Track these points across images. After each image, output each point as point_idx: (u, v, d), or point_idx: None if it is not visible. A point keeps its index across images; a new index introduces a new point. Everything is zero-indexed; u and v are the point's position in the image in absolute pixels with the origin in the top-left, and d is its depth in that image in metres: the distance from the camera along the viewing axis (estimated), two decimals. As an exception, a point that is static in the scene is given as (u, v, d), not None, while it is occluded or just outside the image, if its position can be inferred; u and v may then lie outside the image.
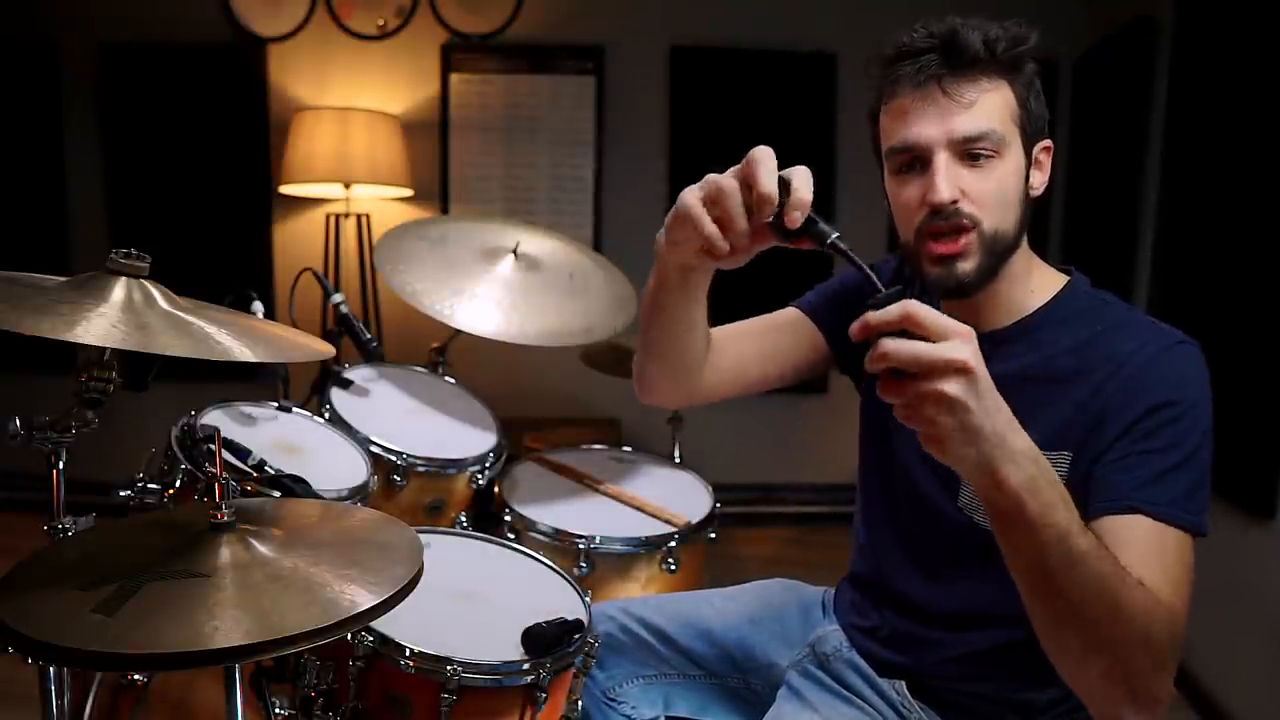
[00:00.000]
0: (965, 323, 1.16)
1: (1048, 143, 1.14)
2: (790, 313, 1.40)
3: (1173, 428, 1.02)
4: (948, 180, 1.06)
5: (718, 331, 1.33)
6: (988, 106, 1.06)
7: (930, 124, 1.07)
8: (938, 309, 1.18)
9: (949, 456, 0.84)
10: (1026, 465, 0.85)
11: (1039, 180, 1.14)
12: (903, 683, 1.26)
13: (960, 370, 0.80)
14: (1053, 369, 1.11)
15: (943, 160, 1.06)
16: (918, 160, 1.09)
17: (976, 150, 1.06)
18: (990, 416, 0.82)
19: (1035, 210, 1.15)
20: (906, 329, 0.80)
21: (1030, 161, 1.11)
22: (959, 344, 0.80)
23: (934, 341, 0.80)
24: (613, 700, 1.44)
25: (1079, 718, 1.19)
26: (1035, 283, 1.16)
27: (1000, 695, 1.19)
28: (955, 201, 1.06)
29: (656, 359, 1.30)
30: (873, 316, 0.81)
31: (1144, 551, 0.97)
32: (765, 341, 1.39)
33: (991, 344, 1.14)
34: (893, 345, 0.80)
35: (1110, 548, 0.97)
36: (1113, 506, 1.01)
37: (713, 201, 0.98)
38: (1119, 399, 1.05)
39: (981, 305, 1.15)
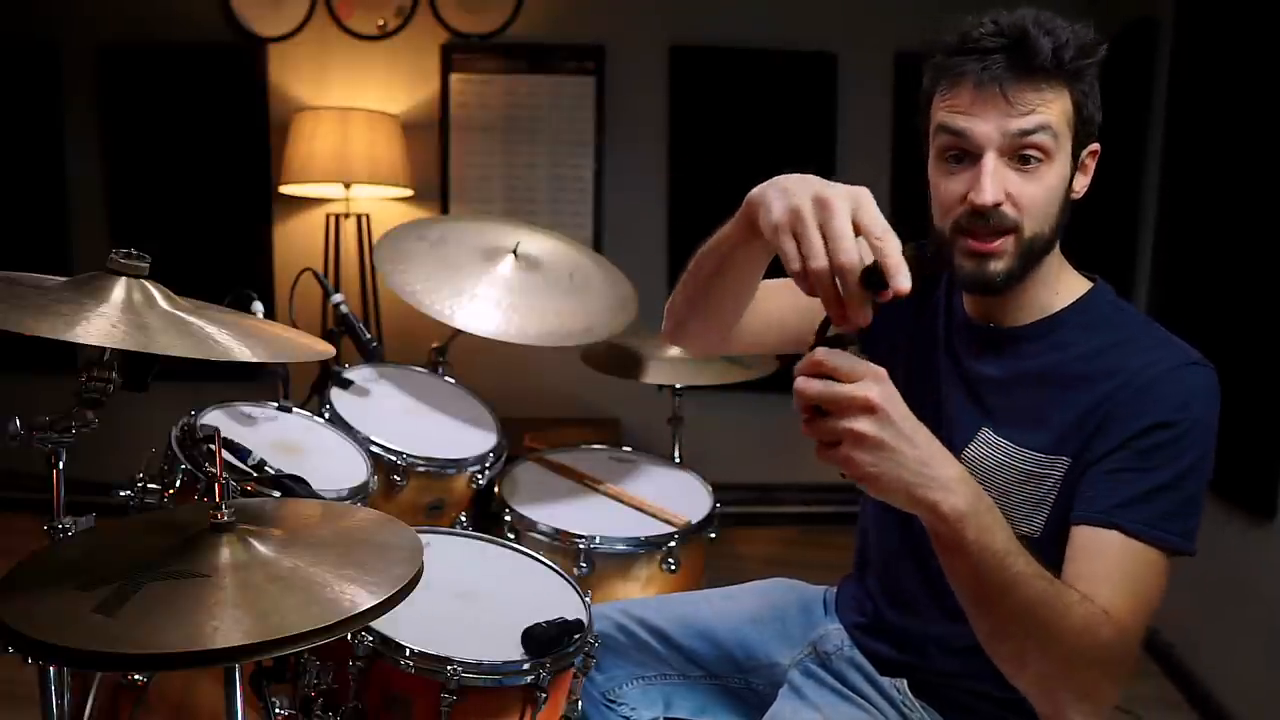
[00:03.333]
0: (988, 317, 1.18)
1: (1095, 146, 1.13)
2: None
3: (1168, 448, 1.03)
4: (995, 181, 1.05)
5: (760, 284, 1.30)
6: (1045, 114, 1.05)
7: (985, 123, 1.06)
8: (960, 302, 1.20)
9: (877, 490, 0.87)
10: (960, 490, 0.87)
11: (1081, 184, 1.13)
12: (904, 681, 1.26)
13: (866, 408, 0.83)
14: (1068, 372, 1.12)
15: (991, 161, 1.06)
16: (966, 153, 1.08)
17: (1026, 154, 1.06)
18: (908, 449, 0.84)
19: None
20: (824, 374, 0.84)
21: (1075, 166, 1.11)
22: (867, 383, 0.83)
23: (845, 382, 0.83)
24: (613, 702, 1.44)
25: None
26: (1062, 285, 1.16)
27: (1002, 695, 1.19)
28: (999, 204, 1.06)
29: (704, 315, 1.28)
30: (797, 367, 0.86)
31: (1111, 565, 1.00)
32: (801, 298, 1.37)
33: (1011, 340, 1.16)
34: (803, 382, 0.84)
35: (1082, 556, 1.01)
36: (1092, 517, 1.03)
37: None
38: (1121, 412, 1.06)
39: (1006, 303, 1.16)
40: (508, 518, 1.78)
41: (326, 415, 1.76)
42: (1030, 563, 0.91)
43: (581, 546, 1.70)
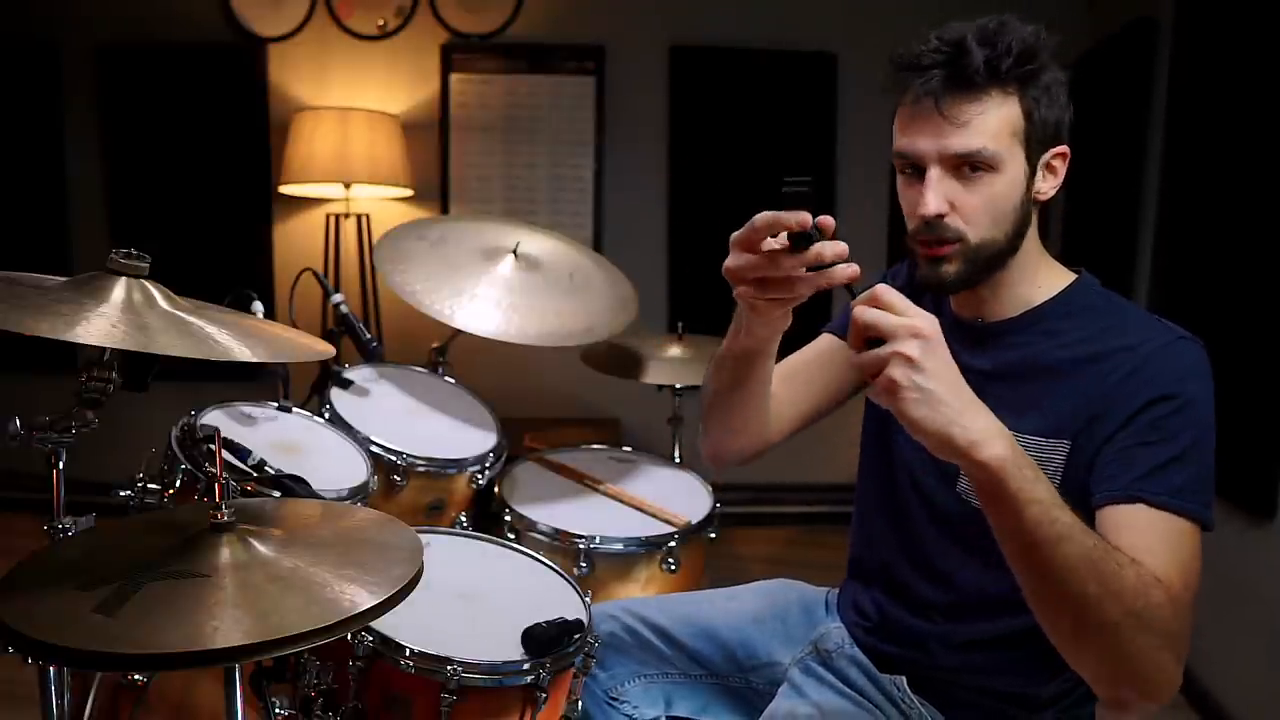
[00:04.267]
0: (972, 314, 1.21)
1: (1063, 149, 1.15)
2: (826, 339, 1.43)
3: (1172, 421, 1.04)
4: (936, 194, 1.10)
5: None
6: (984, 125, 1.07)
7: (925, 139, 1.10)
8: (948, 303, 1.24)
9: (917, 429, 0.89)
10: (997, 441, 0.90)
11: (1049, 186, 1.15)
12: (903, 678, 1.26)
13: (916, 334, 0.89)
14: (1057, 359, 1.14)
15: (934, 175, 1.10)
16: (916, 168, 1.13)
17: (969, 165, 1.09)
18: (945, 383, 0.89)
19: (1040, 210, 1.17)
20: (880, 306, 0.91)
21: (1034, 170, 1.13)
22: (919, 316, 0.90)
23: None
24: (615, 700, 1.45)
25: (1082, 712, 1.20)
26: (1043, 279, 1.19)
27: (1002, 689, 1.20)
28: (942, 215, 1.10)
29: (733, 432, 1.36)
30: (855, 303, 0.92)
31: (1147, 537, 1.00)
32: (812, 374, 1.42)
33: (997, 334, 1.19)
34: (860, 310, 0.91)
35: (1114, 534, 1.00)
36: (1116, 495, 1.04)
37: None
38: (1120, 392, 1.07)
39: (987, 298, 1.19)
40: (508, 518, 1.78)
41: (326, 415, 1.76)
42: (1076, 519, 0.92)
43: (581, 546, 1.70)
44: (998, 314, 1.19)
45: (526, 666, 1.21)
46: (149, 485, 1.32)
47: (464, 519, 1.85)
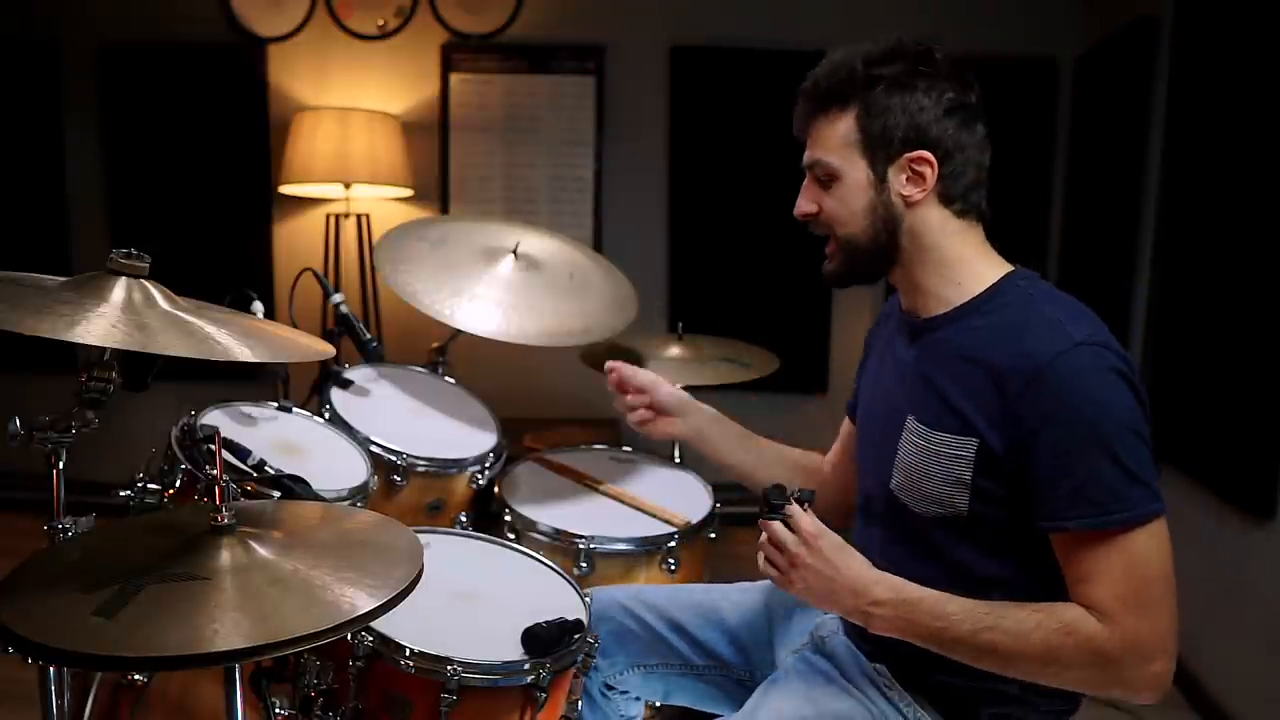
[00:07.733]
0: (910, 310, 1.30)
1: (921, 153, 1.19)
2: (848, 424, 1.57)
3: (1072, 440, 1.07)
4: (805, 197, 1.27)
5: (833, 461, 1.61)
6: (821, 140, 1.23)
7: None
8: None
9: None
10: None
11: (916, 189, 1.20)
12: (884, 666, 1.28)
13: (793, 564, 1.18)
14: (963, 357, 1.18)
15: (806, 183, 1.28)
16: None
17: (821, 174, 1.24)
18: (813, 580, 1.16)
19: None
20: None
21: (882, 175, 1.20)
22: (791, 547, 1.18)
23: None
24: (611, 688, 1.47)
25: (1050, 705, 1.21)
26: (964, 277, 1.22)
27: (972, 685, 1.20)
28: (806, 215, 1.27)
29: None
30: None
31: (1089, 564, 1.07)
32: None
33: (925, 329, 1.26)
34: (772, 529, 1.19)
35: (1064, 560, 1.10)
36: (1051, 526, 1.10)
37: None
38: (1017, 407, 1.10)
39: (911, 296, 1.28)
40: (508, 518, 1.78)
41: (326, 415, 1.76)
42: (970, 624, 1.09)
43: (581, 546, 1.70)
44: (927, 310, 1.25)
45: (526, 666, 1.21)
46: (149, 485, 1.32)
47: (464, 519, 1.85)
